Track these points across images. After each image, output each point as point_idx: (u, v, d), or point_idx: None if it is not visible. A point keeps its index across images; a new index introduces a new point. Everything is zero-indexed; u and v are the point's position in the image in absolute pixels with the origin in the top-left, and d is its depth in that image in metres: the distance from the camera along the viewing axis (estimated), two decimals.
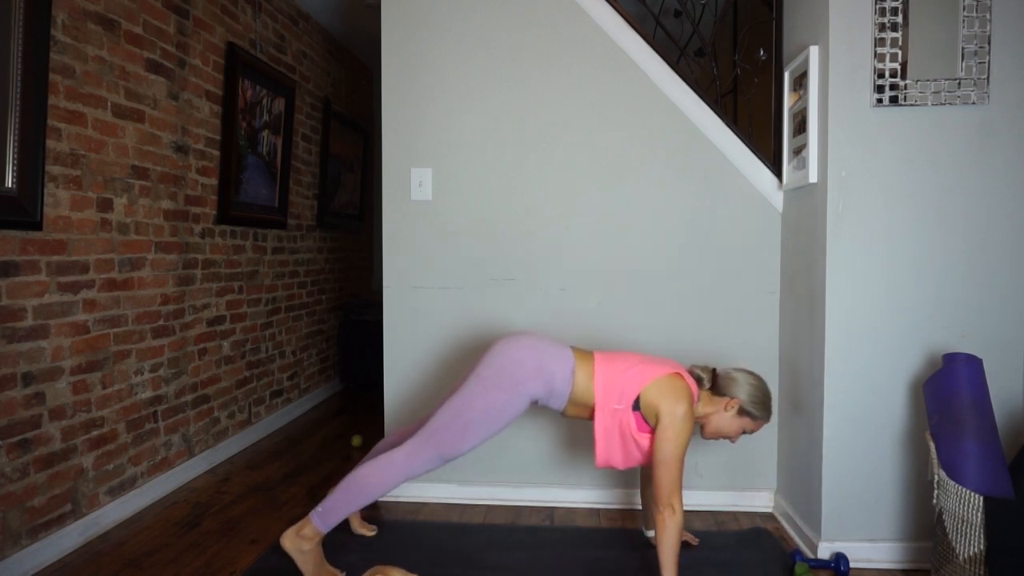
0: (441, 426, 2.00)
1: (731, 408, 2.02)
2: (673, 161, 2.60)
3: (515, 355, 2.00)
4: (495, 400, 1.97)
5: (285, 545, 2.00)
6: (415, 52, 2.65)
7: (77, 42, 2.25)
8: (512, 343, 2.03)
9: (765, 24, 2.73)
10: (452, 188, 2.66)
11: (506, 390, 1.97)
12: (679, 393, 1.94)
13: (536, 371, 1.98)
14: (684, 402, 1.93)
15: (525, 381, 1.98)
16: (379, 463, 2.01)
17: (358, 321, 4.74)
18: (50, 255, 2.17)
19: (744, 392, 2.02)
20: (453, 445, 1.99)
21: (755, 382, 2.04)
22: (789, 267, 2.49)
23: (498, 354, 2.02)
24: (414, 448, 2.01)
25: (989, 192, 2.07)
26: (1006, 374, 2.09)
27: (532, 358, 1.99)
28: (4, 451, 2.01)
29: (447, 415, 2.00)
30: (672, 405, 1.92)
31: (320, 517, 2.00)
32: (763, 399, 2.03)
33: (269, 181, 3.65)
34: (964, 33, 2.03)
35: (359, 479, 2.01)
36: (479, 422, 1.98)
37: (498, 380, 1.97)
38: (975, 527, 1.74)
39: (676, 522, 1.86)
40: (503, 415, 1.99)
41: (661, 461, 1.89)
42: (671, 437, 1.90)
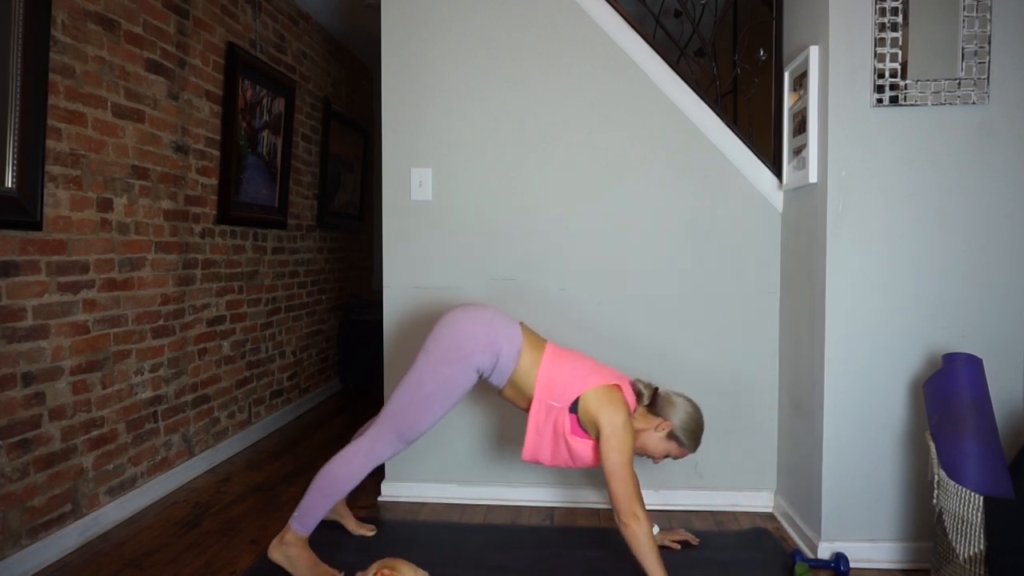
0: (398, 408, 2.01)
1: (662, 430, 2.03)
2: (673, 161, 2.60)
3: (464, 327, 1.99)
4: (445, 375, 1.97)
5: (273, 557, 2.01)
6: (415, 52, 2.65)
7: (77, 42, 2.25)
8: (460, 316, 2.03)
9: (765, 24, 2.73)
10: (452, 188, 2.66)
11: (454, 363, 1.97)
12: (616, 404, 1.95)
13: (485, 344, 1.98)
14: (622, 412, 1.94)
15: (474, 353, 1.97)
16: (345, 456, 2.03)
17: (358, 321, 4.74)
18: (50, 255, 2.17)
19: (678, 418, 2.02)
20: (411, 426, 2.01)
21: (691, 411, 2.05)
22: (789, 267, 2.49)
23: (445, 326, 2.01)
24: (374, 434, 2.03)
25: (989, 192, 2.07)
26: (1006, 374, 2.09)
27: (481, 332, 1.99)
28: (4, 451, 2.01)
29: (401, 397, 2.01)
30: (611, 415, 1.92)
31: (298, 521, 2.01)
32: (695, 429, 2.04)
33: (269, 181, 3.65)
34: (964, 33, 2.03)
35: (329, 475, 2.02)
36: (432, 399, 1.98)
37: (447, 354, 1.97)
38: (975, 527, 1.74)
39: (644, 529, 1.84)
40: (455, 389, 1.99)
41: (610, 472, 1.89)
42: (615, 447, 1.90)
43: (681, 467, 2.61)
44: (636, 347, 2.63)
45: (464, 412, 2.70)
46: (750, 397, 2.61)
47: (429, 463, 2.73)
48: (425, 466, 2.73)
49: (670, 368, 2.62)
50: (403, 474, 2.73)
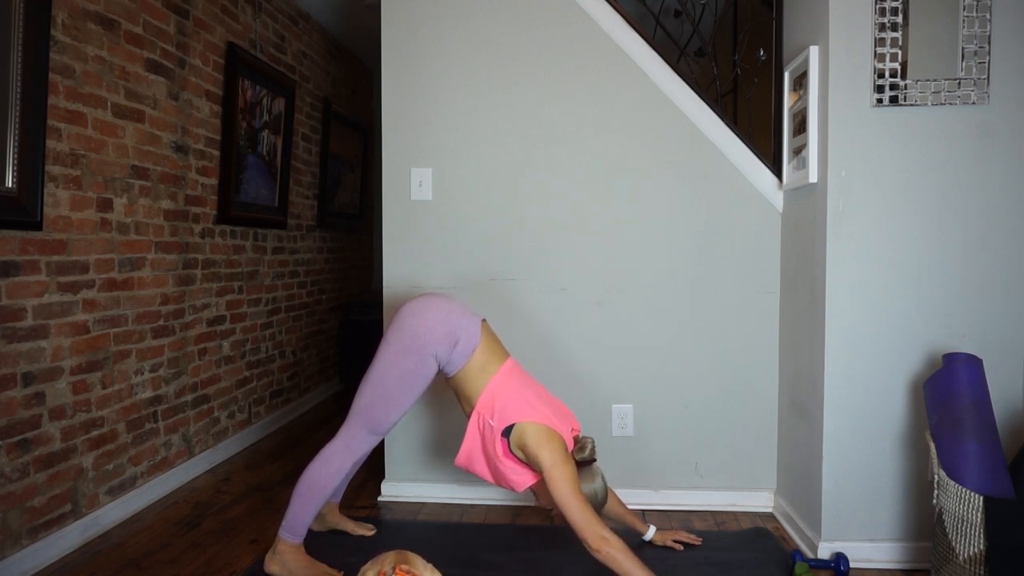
0: (364, 404, 2.03)
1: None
2: (673, 161, 2.60)
3: (422, 318, 2.00)
4: (406, 365, 1.98)
5: (271, 570, 2.01)
6: (415, 52, 2.65)
7: (77, 42, 2.25)
8: (420, 306, 2.03)
9: (765, 24, 2.73)
10: (452, 188, 2.66)
11: (415, 352, 1.98)
12: (554, 440, 1.95)
13: (443, 335, 1.99)
14: (559, 447, 1.94)
15: (431, 340, 1.98)
16: (322, 458, 2.04)
17: (358, 321, 4.74)
18: (50, 255, 2.17)
19: (588, 491, 1.99)
20: (380, 418, 2.02)
21: (599, 494, 2.02)
22: (789, 267, 2.49)
23: (406, 316, 2.02)
24: (346, 431, 2.04)
25: (989, 192, 2.07)
26: (1006, 374, 2.09)
27: (439, 322, 2.00)
28: (4, 451, 2.01)
29: (366, 392, 2.03)
30: (550, 451, 1.92)
31: (287, 531, 2.02)
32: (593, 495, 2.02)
33: (269, 181, 3.65)
34: (964, 33, 2.03)
35: (310, 480, 2.02)
36: (397, 389, 2.00)
37: (405, 344, 1.99)
38: (975, 527, 1.74)
39: (617, 547, 1.80)
40: (417, 379, 2.01)
41: (564, 504, 1.88)
42: (559, 478, 1.89)
43: (681, 467, 2.61)
44: (636, 347, 2.63)
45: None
46: (750, 397, 2.61)
47: (429, 463, 2.73)
48: (425, 466, 2.73)
49: (670, 368, 2.62)
50: (403, 474, 2.73)
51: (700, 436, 2.62)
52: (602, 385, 2.64)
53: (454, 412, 2.68)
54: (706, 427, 2.62)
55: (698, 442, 2.62)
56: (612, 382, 2.64)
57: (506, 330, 2.65)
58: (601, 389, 2.64)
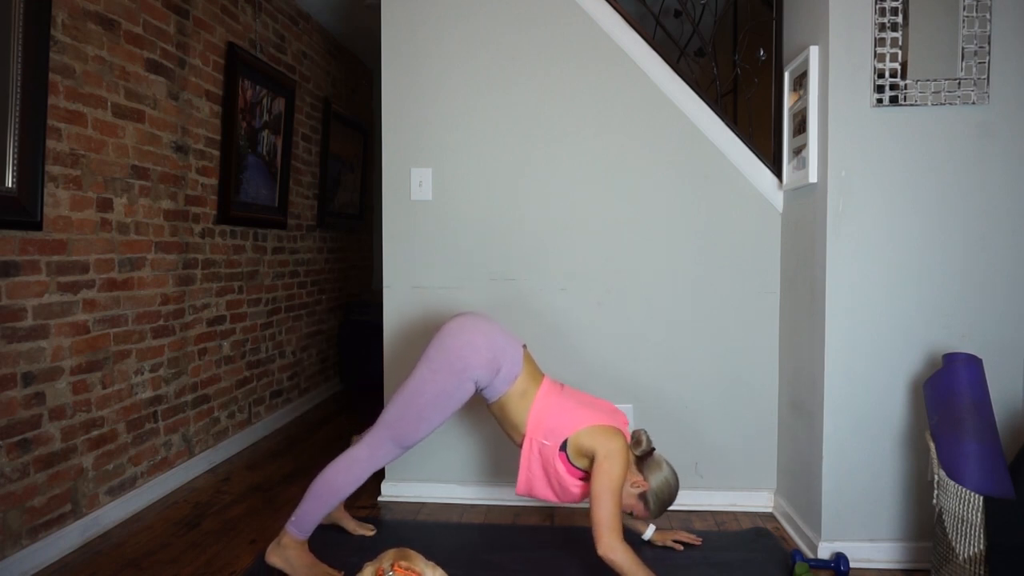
0: (394, 415, 2.00)
1: (637, 487, 2.01)
2: (673, 161, 2.60)
3: (467, 339, 1.98)
4: (444, 385, 1.97)
5: (271, 561, 2.01)
6: (415, 52, 2.65)
7: (77, 42, 2.25)
8: (464, 326, 2.01)
9: (765, 24, 2.73)
10: (452, 188, 2.66)
11: (456, 374, 1.96)
12: (609, 432, 1.95)
13: (487, 360, 1.97)
14: (620, 441, 1.94)
15: (475, 366, 1.96)
16: (343, 462, 2.02)
17: (358, 321, 4.74)
18: (50, 255, 2.17)
19: (656, 483, 2.01)
20: (408, 434, 2.00)
21: (671, 483, 2.03)
22: (789, 267, 2.49)
23: (449, 335, 2.00)
24: (372, 440, 2.02)
25: (989, 192, 2.07)
26: (1006, 374, 2.09)
27: (484, 346, 1.98)
28: (4, 451, 2.01)
29: (399, 404, 2.00)
30: (608, 441, 1.92)
31: (296, 526, 2.01)
32: (665, 500, 2.03)
33: (269, 181, 3.65)
34: (964, 33, 2.03)
35: (327, 481, 2.01)
36: (431, 407, 1.98)
37: (448, 364, 1.96)
38: (975, 527, 1.74)
39: (622, 560, 1.80)
40: (453, 400, 1.99)
41: (596, 495, 1.86)
42: (606, 469, 1.88)
43: (681, 467, 2.61)
44: (636, 347, 2.63)
45: (465, 413, 2.70)
46: (750, 397, 2.61)
47: (429, 463, 2.73)
48: (425, 466, 2.73)
49: (670, 368, 2.62)
50: (403, 474, 2.73)
51: (700, 436, 2.62)
52: (602, 385, 2.64)
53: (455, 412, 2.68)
54: (706, 427, 2.62)
55: (698, 442, 2.62)
56: (612, 382, 2.64)
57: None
58: (601, 389, 2.64)
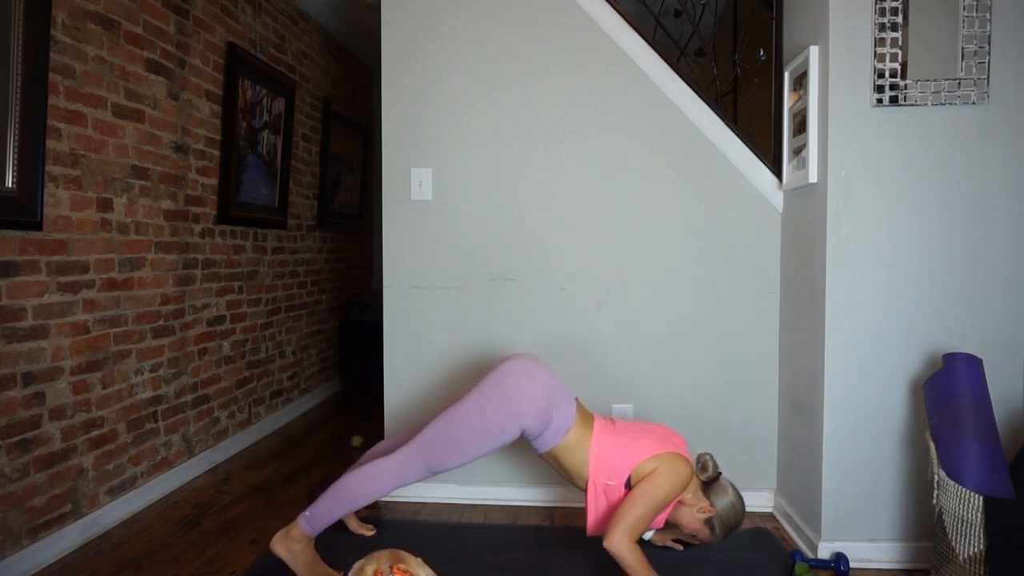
0: (434, 439, 1.99)
1: (704, 512, 2.02)
2: (673, 161, 2.60)
3: (527, 384, 1.97)
4: (492, 423, 1.96)
5: (276, 550, 2.01)
6: (415, 52, 2.65)
7: (77, 42, 2.25)
8: (527, 371, 2.00)
9: (765, 24, 2.73)
10: (452, 188, 2.66)
11: (506, 417, 1.95)
12: (673, 458, 1.95)
13: (540, 410, 1.96)
14: (679, 462, 1.94)
15: (525, 412, 1.96)
16: (370, 471, 2.01)
17: (358, 321, 4.74)
18: (50, 255, 2.17)
19: (723, 508, 2.01)
20: (442, 460, 1.99)
21: (738, 507, 2.04)
22: (789, 267, 2.49)
23: (508, 376, 1.99)
24: (405, 457, 2.01)
25: (989, 192, 2.07)
26: (1006, 374, 2.09)
27: (542, 395, 1.97)
28: (4, 451, 2.01)
29: (441, 428, 1.99)
30: (667, 462, 1.93)
31: (308, 521, 2.01)
32: (731, 525, 2.04)
33: (269, 181, 3.65)
34: (964, 33, 2.03)
35: (349, 485, 2.01)
36: (471, 441, 1.97)
37: (500, 404, 1.95)
38: (975, 527, 1.74)
39: (629, 555, 1.82)
40: (495, 440, 1.98)
41: (631, 496, 1.87)
42: (655, 481, 1.89)
43: None
44: (636, 347, 2.63)
45: None
46: (750, 397, 2.61)
47: None
48: None
49: (670, 368, 2.62)
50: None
51: (700, 436, 2.62)
52: (602, 385, 2.64)
53: None
54: (706, 427, 2.62)
55: (698, 442, 2.62)
56: (612, 382, 2.64)
57: (506, 330, 2.65)
58: (601, 389, 2.64)
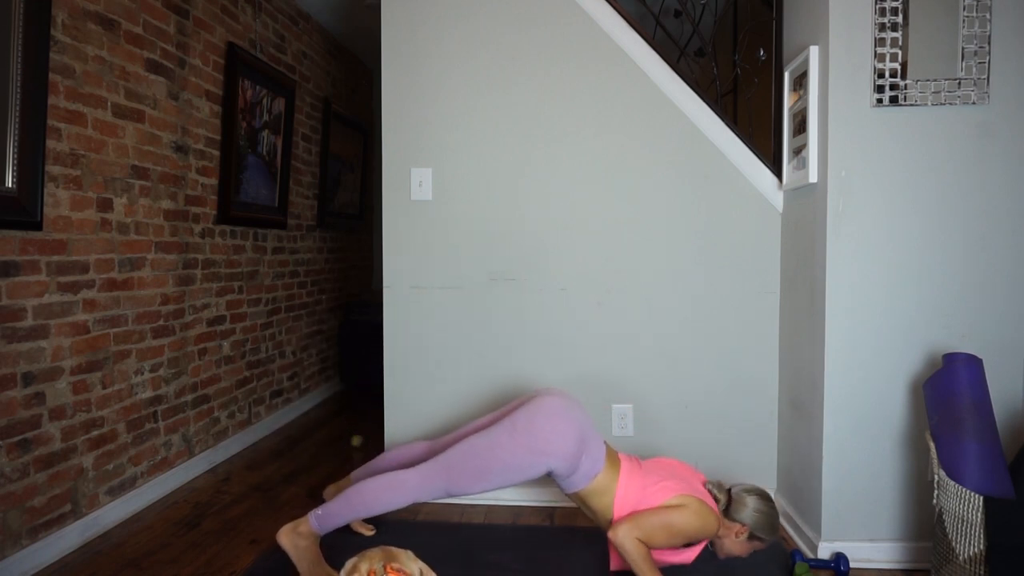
0: (458, 462, 1.98)
1: (741, 535, 2.01)
2: (673, 161, 2.60)
3: (562, 427, 1.96)
4: (520, 459, 1.95)
5: (281, 541, 2.00)
6: (415, 52, 2.65)
7: (77, 42, 2.25)
8: (560, 410, 1.99)
9: (765, 24, 2.73)
10: (452, 188, 2.66)
11: (535, 455, 1.94)
12: (704, 507, 1.95)
13: (571, 454, 1.96)
14: (709, 512, 1.94)
15: (556, 454, 1.95)
16: (389, 481, 2.00)
17: (358, 321, 4.74)
18: (50, 255, 2.17)
19: (752, 519, 2.00)
20: (463, 485, 1.98)
21: (763, 507, 2.02)
22: (789, 267, 2.49)
23: (541, 413, 1.98)
24: (426, 475, 2.00)
25: (989, 192, 2.07)
26: (1006, 374, 2.09)
27: (574, 439, 1.96)
28: (4, 451, 2.01)
29: (467, 453, 1.98)
30: (700, 506, 1.93)
31: (319, 519, 2.00)
32: (770, 524, 2.02)
33: (269, 181, 3.65)
34: (964, 33, 2.03)
35: (366, 492, 2.00)
36: (496, 472, 1.96)
37: (531, 441, 1.94)
38: (975, 527, 1.74)
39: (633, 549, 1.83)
40: (520, 475, 1.97)
41: (658, 511, 1.88)
42: (680, 509, 1.89)
43: None
44: (636, 347, 2.63)
45: (467, 409, 2.69)
46: (750, 397, 2.61)
47: None
48: None
49: (670, 368, 2.62)
50: None
51: (700, 436, 2.62)
52: (602, 385, 2.64)
53: (456, 410, 2.68)
54: (706, 427, 2.62)
55: (698, 442, 2.62)
56: (612, 382, 2.64)
57: (507, 330, 2.65)
58: (601, 389, 2.64)
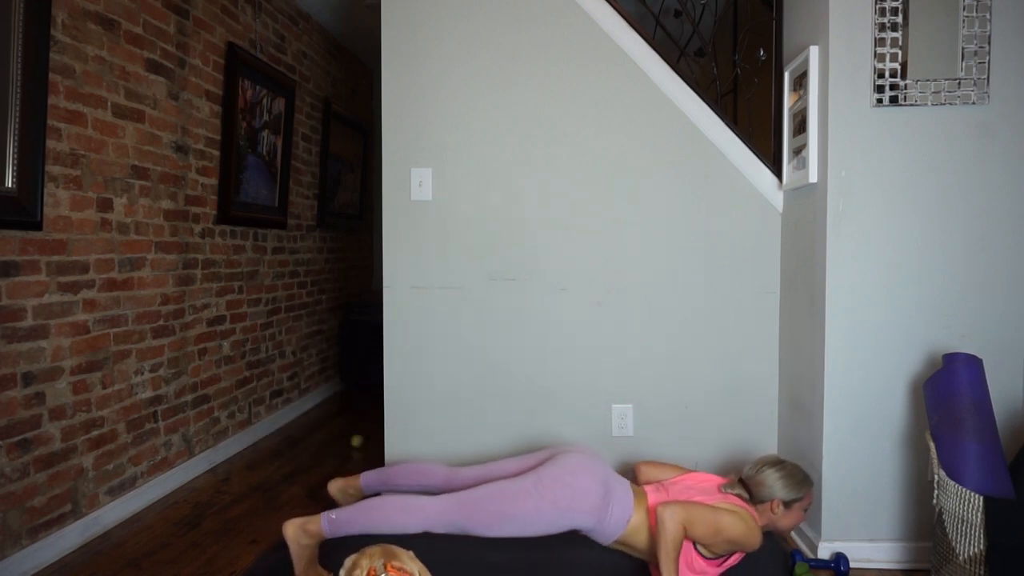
0: (480, 503, 1.96)
1: (778, 509, 1.99)
2: (673, 161, 2.60)
3: (585, 481, 1.95)
4: (545, 514, 1.93)
5: (286, 532, 1.98)
6: (415, 52, 2.65)
7: (77, 42, 2.25)
8: (584, 465, 1.99)
9: (765, 24, 2.73)
10: (452, 188, 2.66)
11: (562, 512, 1.93)
12: (747, 515, 1.92)
13: (597, 506, 1.95)
14: (750, 518, 1.91)
15: (581, 509, 1.94)
16: (408, 505, 1.99)
17: (358, 321, 4.74)
18: (50, 255, 2.17)
19: (779, 490, 1.98)
20: (482, 526, 1.96)
21: (780, 474, 2.00)
22: (789, 267, 2.49)
23: (569, 470, 1.97)
24: (445, 508, 1.98)
25: (989, 192, 2.07)
26: (1006, 374, 2.09)
27: (598, 492, 1.95)
28: (4, 451, 2.01)
29: (491, 496, 1.96)
30: (744, 516, 1.89)
31: (331, 523, 1.98)
32: (796, 481, 2.00)
33: (269, 181, 3.65)
34: (964, 33, 2.03)
35: (383, 508, 1.98)
36: (518, 521, 1.94)
37: (558, 498, 1.93)
38: (975, 527, 1.74)
39: (673, 531, 1.83)
40: (541, 526, 1.95)
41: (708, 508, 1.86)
42: (728, 512, 1.87)
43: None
44: (636, 347, 2.63)
45: (466, 410, 2.69)
46: (750, 397, 2.60)
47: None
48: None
49: (670, 368, 2.62)
50: None
51: (700, 436, 2.62)
52: (602, 385, 2.64)
53: (456, 409, 2.68)
54: (706, 427, 2.62)
55: (698, 442, 2.62)
56: (612, 382, 2.64)
57: (507, 330, 2.65)
58: (601, 389, 2.64)
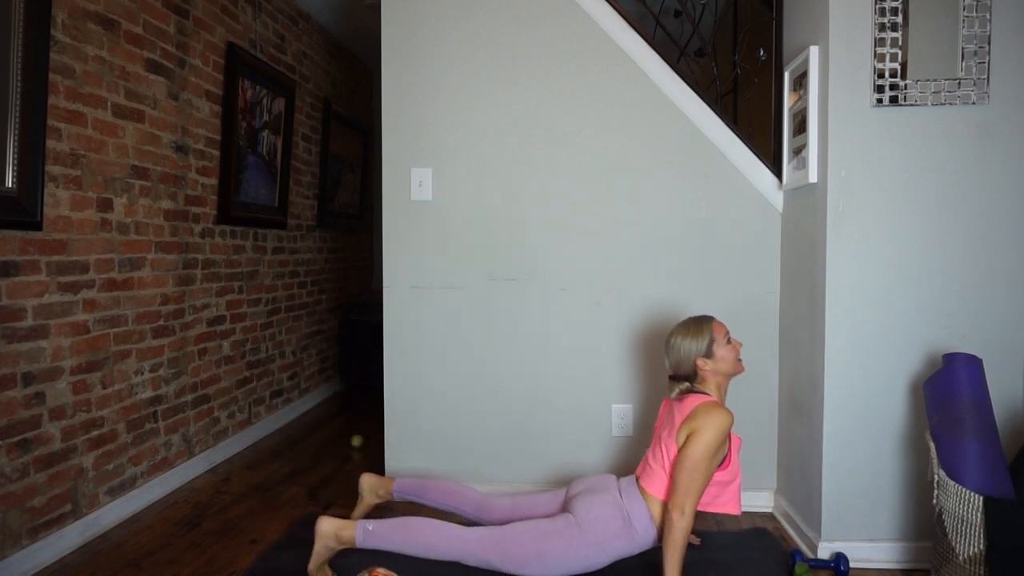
0: (516, 539, 1.95)
1: (707, 364, 2.01)
2: (673, 161, 2.60)
3: (603, 511, 1.97)
4: (578, 550, 1.94)
5: (320, 527, 1.96)
6: (415, 52, 2.65)
7: (77, 42, 2.25)
8: (598, 494, 2.01)
9: (765, 24, 2.73)
10: (452, 188, 2.67)
11: (592, 546, 1.94)
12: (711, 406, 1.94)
13: (621, 528, 1.96)
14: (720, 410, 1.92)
15: (611, 539, 1.95)
16: (447, 532, 1.98)
17: (358, 321, 4.74)
18: (50, 255, 2.17)
19: (684, 350, 2.01)
20: (515, 563, 1.94)
21: (679, 336, 2.02)
22: (789, 267, 2.49)
23: (593, 505, 1.98)
24: (480, 541, 1.97)
25: (989, 192, 2.07)
26: (1006, 374, 2.09)
27: (618, 516, 1.97)
28: (4, 451, 2.01)
29: (528, 534, 1.96)
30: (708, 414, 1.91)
31: (366, 535, 1.97)
32: (695, 328, 2.02)
33: (269, 181, 3.65)
34: (964, 33, 2.03)
35: (420, 529, 1.98)
36: (551, 559, 1.93)
37: (587, 535, 1.94)
38: (975, 527, 1.74)
39: (683, 526, 1.85)
40: (578, 564, 1.95)
41: (683, 462, 1.88)
42: (708, 441, 1.88)
43: None
44: (636, 347, 2.63)
45: (466, 410, 2.70)
46: (750, 397, 2.60)
47: (430, 462, 2.72)
48: (426, 465, 2.73)
49: None
50: (403, 473, 2.73)
51: None
52: (602, 385, 2.64)
53: (456, 409, 2.68)
54: None
55: None
56: (612, 382, 2.64)
57: (507, 330, 2.65)
58: (601, 389, 2.64)
